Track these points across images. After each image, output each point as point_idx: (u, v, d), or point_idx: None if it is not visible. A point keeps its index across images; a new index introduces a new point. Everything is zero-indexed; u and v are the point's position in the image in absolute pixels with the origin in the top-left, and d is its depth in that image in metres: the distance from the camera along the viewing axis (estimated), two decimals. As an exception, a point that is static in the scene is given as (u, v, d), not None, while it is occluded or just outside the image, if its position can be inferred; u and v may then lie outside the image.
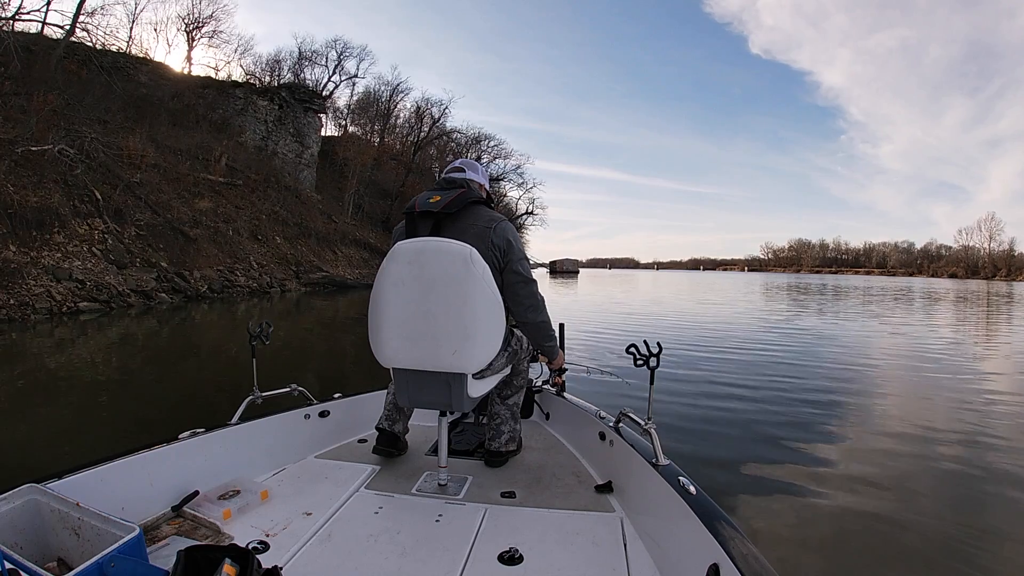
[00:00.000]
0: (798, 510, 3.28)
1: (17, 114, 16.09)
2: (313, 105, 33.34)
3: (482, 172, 2.38)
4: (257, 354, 2.41)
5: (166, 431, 2.09)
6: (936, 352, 9.87)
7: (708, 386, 6.56)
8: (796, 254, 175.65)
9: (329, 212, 30.74)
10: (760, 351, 9.45)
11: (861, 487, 3.62)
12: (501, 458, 2.43)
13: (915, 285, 53.32)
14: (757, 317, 16.22)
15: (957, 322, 16.77)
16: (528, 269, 2.16)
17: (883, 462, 4.14)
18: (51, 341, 9.43)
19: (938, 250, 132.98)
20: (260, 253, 22.39)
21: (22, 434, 4.62)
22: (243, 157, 26.54)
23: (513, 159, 58.52)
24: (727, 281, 53.10)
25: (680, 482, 1.70)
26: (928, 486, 3.75)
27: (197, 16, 29.84)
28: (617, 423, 2.26)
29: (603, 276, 75.19)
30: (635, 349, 1.94)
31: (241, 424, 2.28)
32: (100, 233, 15.49)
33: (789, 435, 4.71)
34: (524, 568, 1.63)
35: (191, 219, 19.71)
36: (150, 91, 23.90)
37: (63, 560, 1.42)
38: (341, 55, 36.96)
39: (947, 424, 5.24)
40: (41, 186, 14.71)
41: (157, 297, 15.04)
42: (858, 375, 7.72)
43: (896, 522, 3.13)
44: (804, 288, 37.90)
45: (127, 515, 1.52)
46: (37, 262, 12.97)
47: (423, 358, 1.94)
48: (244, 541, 1.68)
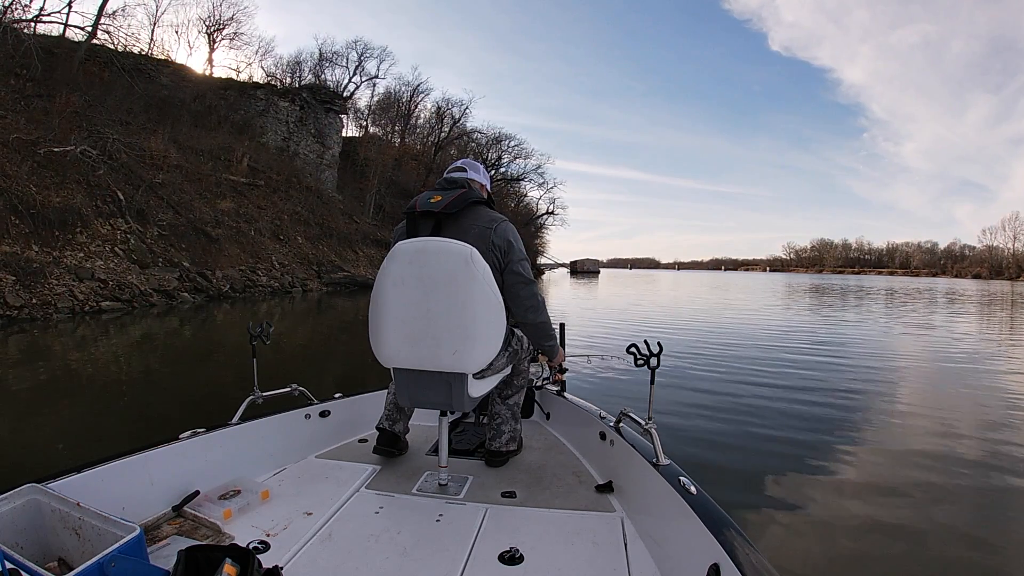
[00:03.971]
0: (800, 511, 3.24)
1: (40, 115, 16.16)
2: (334, 106, 33.38)
3: (483, 172, 2.37)
4: (258, 354, 2.42)
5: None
6: (960, 359, 9.24)
7: (732, 386, 6.42)
8: (818, 254, 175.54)
9: (350, 212, 30.76)
10: (774, 352, 9.13)
11: (867, 491, 3.55)
12: (502, 458, 2.43)
13: (938, 286, 52.33)
14: (774, 318, 15.77)
15: (983, 325, 15.88)
16: (529, 270, 2.15)
17: (891, 467, 4.03)
18: (72, 340, 9.36)
19: (961, 250, 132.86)
20: (282, 253, 22.38)
21: (35, 433, 4.52)
22: (265, 158, 26.59)
23: (534, 159, 58.33)
24: (748, 282, 52.41)
25: (681, 482, 1.69)
26: (931, 486, 3.66)
27: (218, 18, 29.96)
28: (618, 423, 2.25)
29: (623, 276, 74.76)
30: (635, 349, 1.92)
31: (242, 424, 2.28)
32: (122, 233, 15.49)
33: (796, 438, 4.60)
34: (525, 568, 1.63)
35: (213, 219, 19.70)
36: (172, 92, 23.90)
37: (64, 560, 1.41)
38: (362, 56, 37.04)
39: (969, 430, 4.93)
40: (64, 186, 14.72)
41: (179, 297, 14.98)
42: (876, 378, 7.29)
43: (902, 525, 3.08)
44: (825, 289, 36.90)
45: (128, 515, 1.51)
46: (59, 262, 12.95)
47: (424, 358, 1.93)
48: (245, 541, 1.68)
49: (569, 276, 67.32)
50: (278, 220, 24.09)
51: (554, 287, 35.60)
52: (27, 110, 16.10)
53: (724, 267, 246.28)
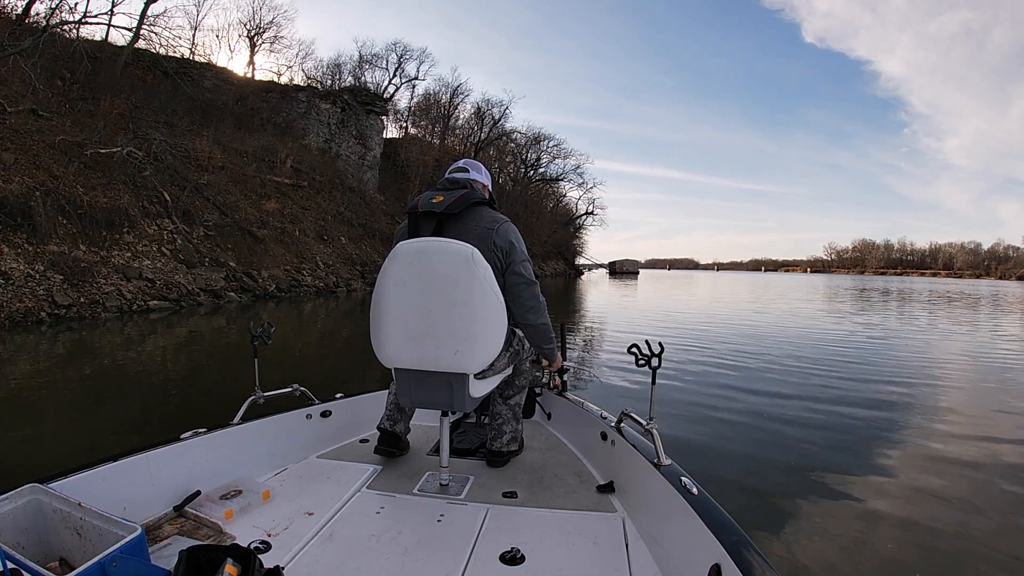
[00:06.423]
0: (802, 512, 3.18)
1: (85, 118, 16.11)
2: (375, 108, 33.15)
3: (485, 172, 2.36)
4: (260, 354, 2.41)
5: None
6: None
7: (745, 387, 6.22)
8: (860, 255, 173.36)
9: (392, 213, 30.44)
10: (794, 356, 8.58)
11: (870, 494, 3.46)
12: (503, 458, 2.42)
13: (982, 289, 49.58)
14: (803, 322, 14.61)
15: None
16: (531, 271, 2.13)
17: (899, 471, 3.88)
18: (120, 338, 9.24)
19: (1006, 251, 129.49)
20: (326, 253, 22.14)
21: (70, 429, 4.46)
22: (307, 159, 26.41)
23: (572, 159, 57.60)
24: (786, 284, 50.65)
25: (682, 482, 1.68)
26: (934, 491, 3.52)
27: (258, 22, 29.88)
28: (619, 423, 2.24)
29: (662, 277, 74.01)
30: (636, 349, 1.92)
31: (243, 424, 2.26)
32: (169, 233, 15.32)
33: (800, 440, 4.49)
34: (526, 568, 1.61)
35: (258, 220, 19.47)
36: (215, 95, 23.92)
37: (65, 560, 1.41)
38: (401, 58, 36.78)
39: (990, 445, 4.49)
40: (110, 187, 14.57)
41: (226, 296, 14.69)
42: (896, 388, 6.58)
43: (903, 527, 3.03)
44: (863, 292, 34.84)
45: (129, 515, 1.50)
46: (107, 261, 12.77)
47: (425, 358, 1.91)
48: (246, 541, 1.67)
49: (608, 277, 66.29)
50: (322, 221, 23.89)
51: (592, 288, 35.21)
52: (72, 112, 16.04)
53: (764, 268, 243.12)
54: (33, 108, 14.48)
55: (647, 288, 36.16)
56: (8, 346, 7.72)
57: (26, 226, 11.47)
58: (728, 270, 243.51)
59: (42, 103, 15.09)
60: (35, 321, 9.65)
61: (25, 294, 10.09)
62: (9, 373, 6.16)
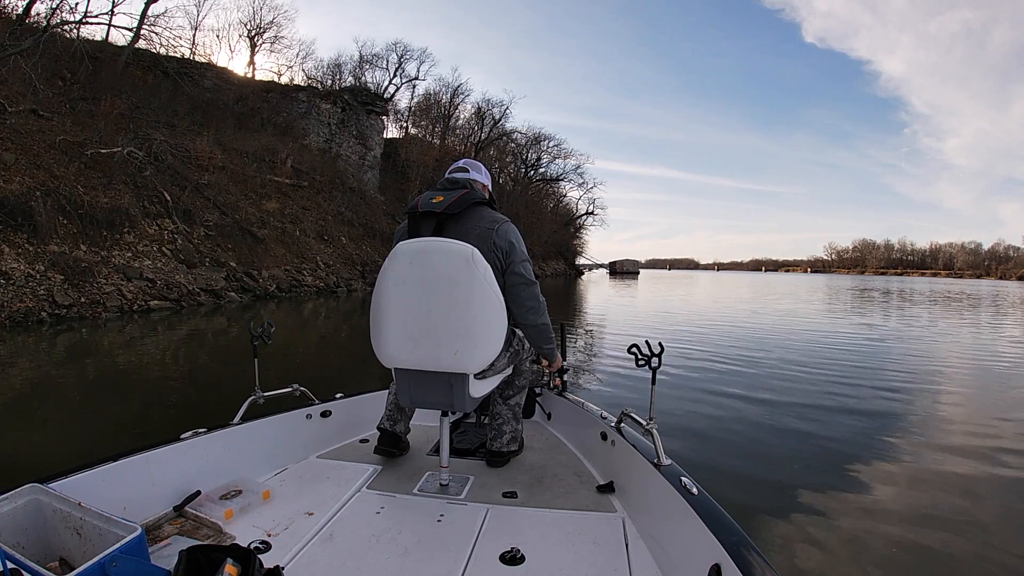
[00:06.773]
0: (802, 513, 3.16)
1: (85, 118, 16.11)
2: (375, 108, 33.14)
3: (485, 172, 2.35)
4: (260, 354, 2.41)
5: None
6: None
7: (745, 388, 6.20)
8: (860, 255, 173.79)
9: (392, 213, 30.39)
10: (795, 357, 8.50)
11: (871, 496, 3.45)
12: (503, 458, 2.42)
13: (982, 289, 49.53)
14: (803, 323, 14.61)
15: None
16: (531, 271, 2.12)
17: (898, 475, 3.85)
18: (120, 338, 9.20)
19: (1006, 251, 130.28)
20: (326, 253, 22.15)
21: (70, 429, 4.45)
22: (308, 159, 26.39)
23: (573, 159, 57.61)
24: (787, 284, 50.70)
25: (682, 482, 1.68)
26: (936, 495, 3.50)
27: (258, 22, 29.89)
28: (619, 423, 2.24)
29: (662, 277, 73.92)
30: (636, 349, 1.92)
31: (243, 424, 2.26)
32: (170, 233, 15.32)
33: (801, 442, 4.48)
34: (526, 568, 1.61)
35: (259, 220, 19.46)
36: (215, 95, 23.91)
37: (65, 560, 1.40)
38: (402, 58, 36.79)
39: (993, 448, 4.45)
40: (111, 187, 14.57)
41: (226, 296, 14.68)
42: (895, 389, 6.56)
43: (902, 528, 3.01)
44: (863, 292, 34.94)
45: (129, 515, 1.49)
46: (108, 261, 12.77)
47: (425, 358, 1.91)
48: (246, 541, 1.67)
49: (608, 277, 66.26)
50: (322, 221, 23.88)
51: (593, 288, 35.18)
52: (73, 112, 16.05)
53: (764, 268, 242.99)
54: (34, 108, 14.51)
55: (647, 288, 36.19)
56: (9, 346, 7.72)
57: (27, 226, 11.46)
58: (728, 270, 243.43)
59: (43, 103, 15.12)
60: (36, 321, 9.65)
61: (26, 294, 10.09)
62: (9, 373, 6.16)
